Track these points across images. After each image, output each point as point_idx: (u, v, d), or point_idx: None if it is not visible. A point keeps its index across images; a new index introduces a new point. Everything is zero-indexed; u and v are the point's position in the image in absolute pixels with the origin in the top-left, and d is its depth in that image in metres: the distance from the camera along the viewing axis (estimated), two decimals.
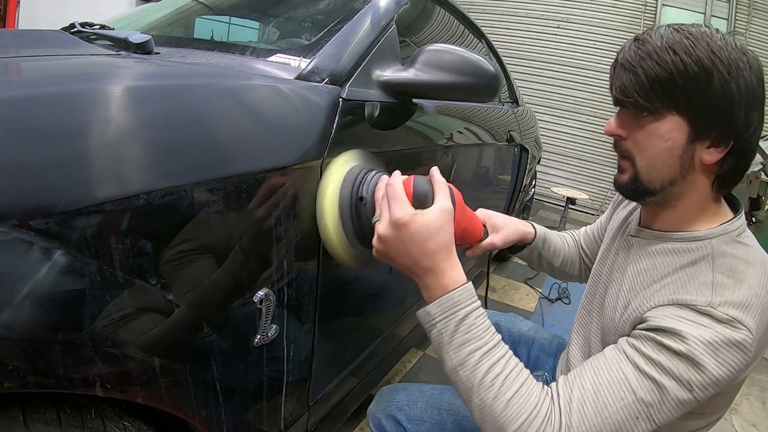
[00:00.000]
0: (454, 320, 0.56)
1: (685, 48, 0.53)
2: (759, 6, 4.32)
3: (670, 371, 0.51)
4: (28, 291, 0.41)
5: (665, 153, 0.57)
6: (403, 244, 0.58)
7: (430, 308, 0.58)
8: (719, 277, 0.55)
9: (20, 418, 0.46)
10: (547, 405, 0.54)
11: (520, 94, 2.53)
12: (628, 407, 0.52)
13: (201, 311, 0.59)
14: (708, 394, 0.51)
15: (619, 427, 0.52)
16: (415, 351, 1.79)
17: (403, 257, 0.59)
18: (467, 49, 0.92)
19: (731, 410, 1.73)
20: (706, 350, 0.50)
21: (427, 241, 0.57)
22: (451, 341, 0.56)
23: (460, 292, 0.57)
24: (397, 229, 0.58)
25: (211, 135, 0.57)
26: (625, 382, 0.53)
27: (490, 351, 0.55)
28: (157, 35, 0.92)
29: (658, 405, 0.52)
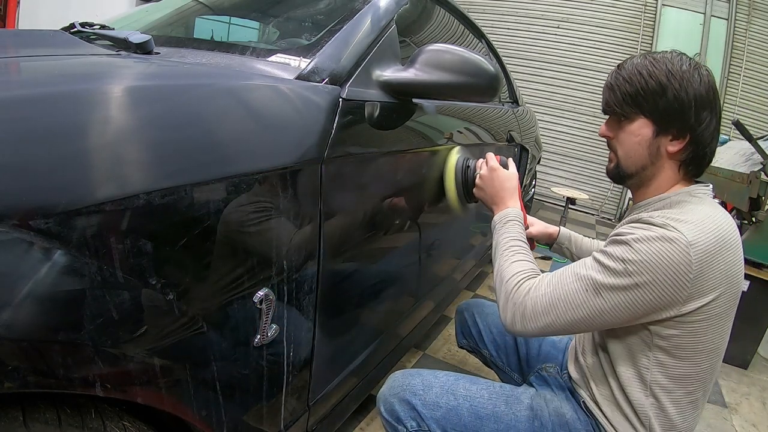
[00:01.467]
0: (503, 221, 0.93)
1: (647, 69, 0.73)
2: (759, 6, 4.32)
3: (611, 252, 0.69)
4: (28, 291, 0.41)
5: (636, 145, 0.76)
6: (491, 181, 1.03)
7: (495, 217, 0.97)
8: (670, 210, 0.72)
9: (20, 418, 0.46)
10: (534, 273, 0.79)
11: (520, 94, 2.53)
12: (580, 279, 0.71)
13: (201, 311, 0.59)
14: (643, 274, 0.65)
15: (572, 294, 0.70)
16: (415, 351, 1.79)
17: (490, 188, 1.03)
18: (467, 49, 0.92)
19: (731, 410, 1.73)
20: (638, 237, 0.66)
21: (505, 182, 1.01)
22: (499, 231, 0.92)
23: (513, 211, 0.95)
24: (491, 171, 1.03)
25: (211, 135, 0.57)
26: (582, 265, 0.73)
27: (516, 239, 0.88)
28: (157, 35, 0.92)
29: (603, 280, 0.68)
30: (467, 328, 1.17)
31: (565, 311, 0.71)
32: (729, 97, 4.40)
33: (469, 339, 1.17)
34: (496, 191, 1.00)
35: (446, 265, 1.63)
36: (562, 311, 0.71)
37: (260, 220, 0.64)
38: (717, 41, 4.41)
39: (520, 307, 0.74)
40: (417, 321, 1.41)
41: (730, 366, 2.04)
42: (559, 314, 0.71)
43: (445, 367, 1.73)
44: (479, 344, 1.15)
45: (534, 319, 0.73)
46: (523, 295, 0.75)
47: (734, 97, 4.39)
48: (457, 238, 1.67)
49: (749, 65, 4.34)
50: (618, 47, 4.72)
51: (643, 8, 4.64)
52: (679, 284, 0.64)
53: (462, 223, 1.64)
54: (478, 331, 1.15)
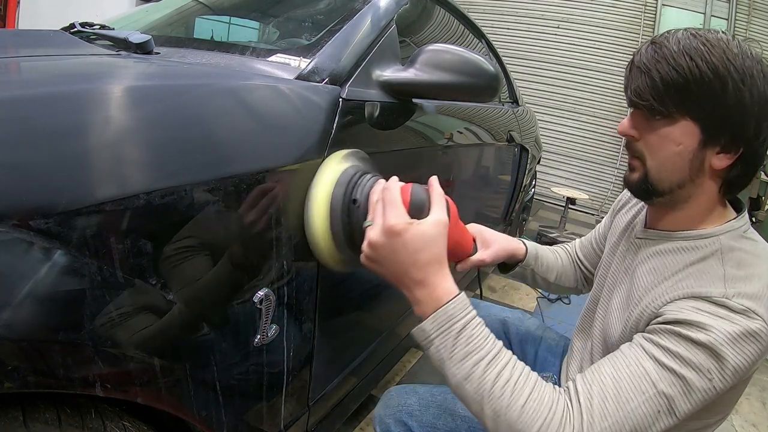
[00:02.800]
0: (451, 334, 0.55)
1: (701, 54, 0.54)
2: (759, 6, 4.32)
3: (690, 362, 0.51)
4: (28, 291, 0.41)
5: (676, 156, 0.58)
6: (394, 253, 0.57)
7: (425, 325, 0.56)
8: (730, 270, 0.56)
9: (20, 418, 0.46)
10: (562, 404, 0.53)
11: (520, 94, 2.53)
12: (650, 401, 0.52)
13: (201, 311, 0.59)
14: (726, 385, 0.52)
15: (641, 421, 0.52)
16: (415, 351, 1.79)
17: (392, 266, 0.58)
18: (467, 49, 0.92)
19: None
20: (725, 339, 0.51)
21: (420, 252, 0.57)
22: (452, 356, 0.55)
23: (455, 304, 0.56)
24: (390, 236, 0.57)
25: (211, 135, 0.57)
26: (646, 376, 0.52)
27: (495, 359, 0.54)
28: (157, 35, 0.92)
29: (679, 397, 0.51)
30: None
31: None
32: None
33: None
34: (405, 269, 0.58)
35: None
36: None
37: (260, 220, 0.64)
38: None
39: None
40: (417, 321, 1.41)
41: None
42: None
43: None
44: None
45: None
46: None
47: None
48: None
49: None
50: (618, 47, 4.72)
51: (643, 8, 4.64)
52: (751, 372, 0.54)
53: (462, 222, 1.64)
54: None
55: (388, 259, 0.58)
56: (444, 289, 0.57)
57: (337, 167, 0.70)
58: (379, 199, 0.61)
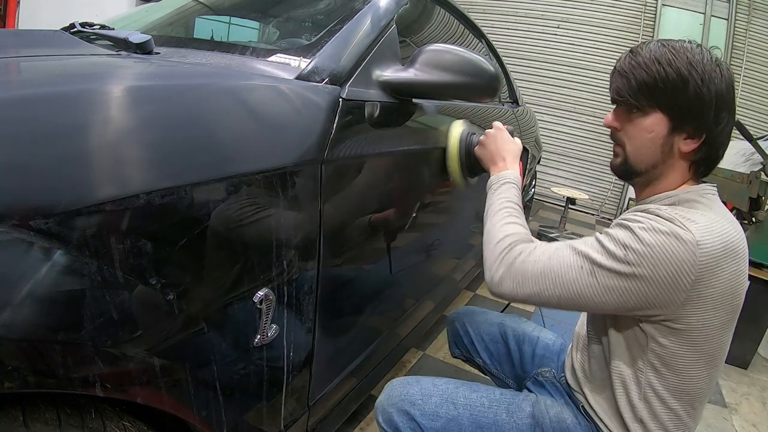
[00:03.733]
0: (501, 182, 0.91)
1: (667, 59, 0.67)
2: (759, 6, 4.32)
3: (614, 236, 0.66)
4: (28, 291, 0.41)
5: (649, 142, 0.71)
6: (494, 139, 1.01)
7: (493, 177, 0.95)
8: (679, 209, 0.67)
9: (20, 418, 0.46)
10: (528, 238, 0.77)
11: (520, 94, 2.53)
12: (576, 254, 0.68)
13: (201, 311, 0.59)
14: (643, 265, 0.62)
15: (566, 268, 0.68)
16: (415, 351, 1.79)
17: (493, 146, 1.00)
18: (467, 49, 0.92)
19: (731, 410, 1.73)
20: (645, 227, 0.63)
21: (508, 143, 1.00)
22: (495, 191, 0.90)
23: (511, 174, 0.93)
24: (497, 130, 1.02)
25: (211, 135, 0.57)
26: (582, 241, 0.71)
27: (511, 201, 0.86)
28: (157, 35, 0.92)
29: (600, 260, 0.66)
30: (459, 338, 1.13)
31: (554, 284, 0.68)
32: None
33: (462, 349, 1.14)
34: (498, 149, 0.98)
35: (446, 265, 1.63)
36: (551, 283, 0.68)
37: (260, 220, 0.64)
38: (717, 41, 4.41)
39: (510, 268, 0.72)
40: (417, 321, 1.41)
41: (730, 366, 2.04)
42: (549, 285, 0.69)
43: (444, 367, 1.73)
44: (472, 353, 1.12)
45: (522, 284, 0.71)
46: (514, 257, 0.73)
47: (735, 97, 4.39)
48: (457, 238, 1.67)
49: (749, 65, 4.34)
50: (618, 47, 4.71)
51: (643, 8, 4.64)
52: (678, 284, 0.62)
53: (462, 222, 1.64)
54: (470, 340, 1.11)
55: (491, 142, 1.01)
56: (511, 168, 0.96)
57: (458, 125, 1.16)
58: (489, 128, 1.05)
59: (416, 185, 1.14)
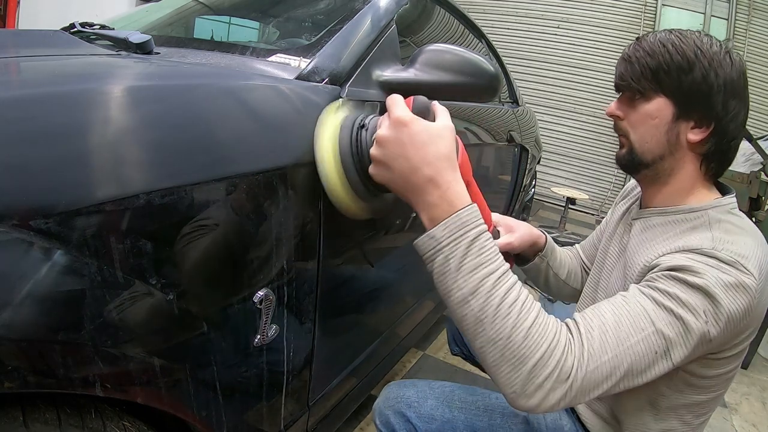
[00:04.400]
0: (464, 242, 0.51)
1: (673, 42, 0.64)
2: (759, 6, 4.32)
3: (687, 303, 0.54)
4: (28, 291, 0.41)
5: (654, 129, 0.66)
6: (402, 147, 0.55)
7: (436, 231, 0.52)
8: (718, 233, 0.61)
9: (20, 418, 0.46)
10: (566, 333, 0.53)
11: (520, 94, 2.53)
12: (648, 339, 0.53)
13: (201, 311, 0.59)
14: (719, 332, 0.55)
15: (639, 360, 0.53)
16: (415, 351, 1.79)
17: (401, 162, 0.55)
18: (467, 49, 0.92)
19: (731, 410, 1.73)
20: (717, 284, 0.54)
21: (428, 145, 0.54)
22: (461, 267, 0.51)
23: (469, 211, 0.53)
24: (396, 128, 0.55)
25: (211, 135, 0.57)
26: (645, 314, 0.54)
27: (504, 276, 0.52)
28: (157, 35, 0.92)
29: (676, 338, 0.54)
30: (459, 336, 1.11)
31: (625, 377, 0.53)
32: None
33: (462, 346, 1.11)
34: (415, 165, 0.54)
35: None
36: (621, 377, 0.53)
37: (260, 220, 0.64)
38: None
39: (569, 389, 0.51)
40: (417, 321, 1.41)
41: None
42: (617, 381, 0.53)
43: (444, 366, 1.73)
44: (472, 351, 1.10)
45: (587, 391, 0.53)
46: (569, 373, 0.51)
47: None
48: None
49: (749, 65, 4.32)
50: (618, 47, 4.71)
51: (643, 8, 4.64)
52: (740, 330, 0.57)
53: None
54: None
55: (396, 155, 0.55)
56: (457, 193, 0.54)
57: (340, 111, 0.70)
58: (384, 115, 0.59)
59: None
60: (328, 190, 0.66)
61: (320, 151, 0.65)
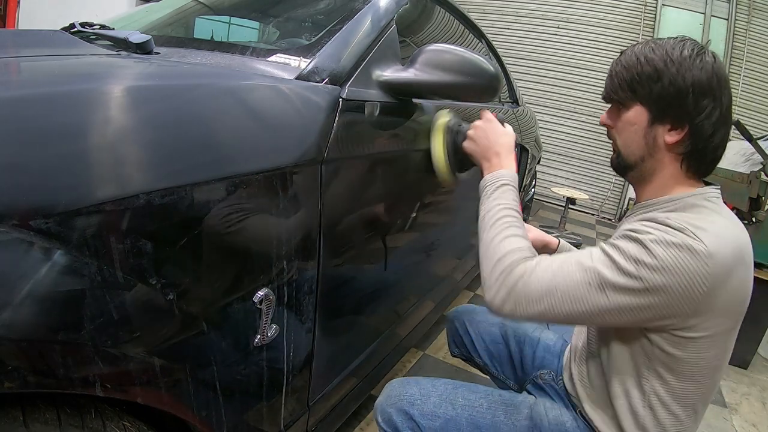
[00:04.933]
0: (496, 184, 0.83)
1: (645, 54, 0.70)
2: (759, 6, 4.32)
3: (624, 250, 0.63)
4: (28, 291, 0.41)
5: (633, 134, 0.73)
6: (487, 132, 0.91)
7: (487, 176, 0.86)
8: (684, 213, 0.67)
9: (20, 418, 0.46)
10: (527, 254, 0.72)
11: (520, 94, 2.53)
12: (584, 271, 0.65)
13: (201, 311, 0.59)
14: (655, 282, 0.60)
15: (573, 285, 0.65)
16: (415, 351, 1.79)
17: (484, 141, 0.91)
18: (467, 49, 0.92)
19: (731, 410, 1.73)
20: (657, 240, 0.61)
21: (501, 137, 0.90)
22: (489, 196, 0.82)
23: (508, 173, 0.85)
24: (487, 121, 0.93)
25: (211, 135, 0.57)
26: (588, 254, 0.67)
27: (506, 208, 0.78)
28: (157, 35, 0.92)
29: (610, 276, 0.63)
30: (459, 337, 1.11)
31: (562, 301, 0.65)
32: None
33: (462, 348, 1.12)
34: (491, 144, 0.89)
35: (446, 264, 1.63)
36: (559, 301, 0.65)
37: (260, 220, 0.64)
38: (717, 41, 4.40)
39: (512, 290, 0.68)
40: (417, 321, 1.41)
41: (730, 366, 2.04)
42: (556, 303, 0.65)
43: (445, 366, 1.73)
44: (472, 353, 1.10)
45: (527, 305, 0.67)
46: (517, 278, 0.68)
47: (734, 97, 4.34)
48: (457, 237, 1.67)
49: (749, 65, 4.34)
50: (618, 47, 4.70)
51: (643, 8, 4.64)
52: (690, 296, 0.60)
53: (462, 222, 1.64)
54: (470, 339, 1.09)
55: (482, 136, 0.92)
56: (507, 164, 0.87)
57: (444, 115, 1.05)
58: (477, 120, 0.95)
59: (416, 185, 1.14)
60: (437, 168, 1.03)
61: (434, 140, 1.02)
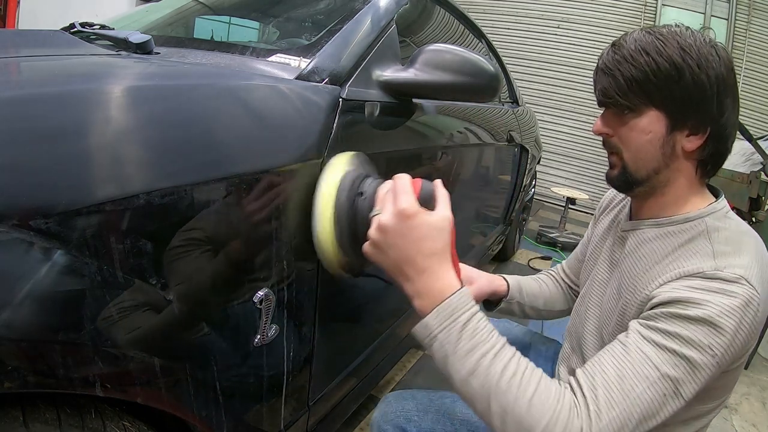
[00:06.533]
0: (456, 327, 0.54)
1: (656, 48, 0.58)
2: (759, 6, 4.32)
3: (691, 340, 0.52)
4: (28, 291, 0.41)
5: (648, 144, 0.61)
6: (402, 238, 0.57)
7: (428, 320, 0.55)
8: (719, 246, 0.58)
9: (20, 418, 0.46)
10: (569, 396, 0.53)
11: (520, 94, 2.53)
12: (655, 385, 0.51)
13: (201, 311, 0.59)
14: (728, 358, 0.52)
15: (648, 407, 0.51)
16: (415, 351, 1.79)
17: (398, 251, 0.57)
18: (467, 49, 0.92)
19: (731, 410, 1.73)
20: (722, 311, 0.51)
21: (426, 240, 0.57)
22: (456, 351, 0.53)
23: (458, 297, 0.55)
24: (401, 219, 0.57)
25: (211, 135, 0.57)
26: (648, 361, 0.52)
27: (500, 352, 0.54)
28: (157, 35, 0.92)
29: (684, 378, 0.52)
30: None
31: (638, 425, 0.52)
32: None
33: None
34: (411, 257, 0.57)
35: None
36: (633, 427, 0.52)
37: (260, 220, 0.64)
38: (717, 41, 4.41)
39: None
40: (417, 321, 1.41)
41: None
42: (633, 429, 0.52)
43: None
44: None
45: None
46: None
47: None
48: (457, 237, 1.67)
49: (749, 65, 4.34)
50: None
51: (643, 8, 4.64)
52: (749, 347, 0.55)
53: (462, 222, 1.64)
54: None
55: (394, 244, 0.57)
56: (447, 282, 0.57)
57: (341, 167, 0.70)
58: (389, 189, 0.61)
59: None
60: (318, 246, 0.69)
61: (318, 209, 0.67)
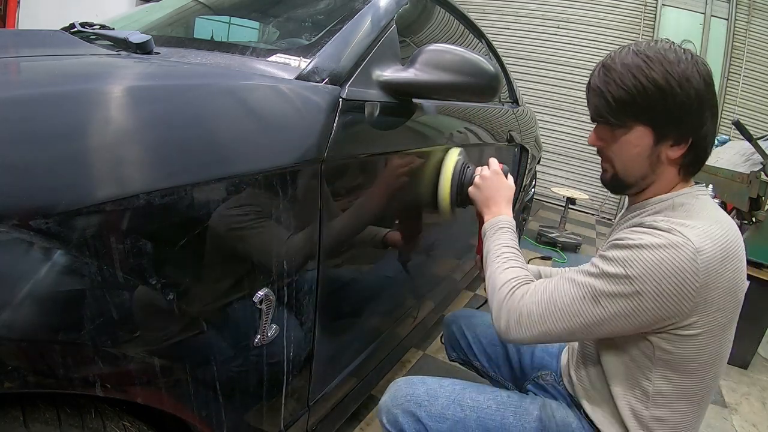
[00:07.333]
0: (494, 228, 0.91)
1: (642, 71, 0.65)
2: (759, 6, 4.31)
3: (612, 258, 0.65)
4: (28, 291, 0.41)
5: (636, 156, 0.71)
6: (492, 184, 0.98)
7: (487, 223, 0.93)
8: (674, 214, 0.68)
9: (20, 418, 0.46)
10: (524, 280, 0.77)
11: (520, 94, 2.53)
12: (577, 286, 0.67)
13: (201, 311, 0.59)
14: (647, 283, 0.61)
15: (570, 300, 0.67)
16: (415, 351, 1.79)
17: (489, 191, 0.98)
18: (467, 49, 0.92)
19: (731, 410, 1.73)
20: (643, 244, 0.62)
21: (504, 190, 0.98)
22: (490, 238, 0.90)
23: (505, 218, 0.92)
24: (494, 174, 0.99)
25: (211, 135, 0.57)
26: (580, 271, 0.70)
27: (508, 246, 0.86)
28: (157, 35, 0.92)
29: (602, 287, 0.64)
30: (456, 341, 1.12)
31: (561, 319, 0.68)
32: (729, 97, 4.39)
33: (459, 352, 1.12)
34: (494, 194, 0.96)
35: (446, 265, 1.63)
36: (558, 319, 0.68)
37: (260, 220, 0.64)
38: (717, 41, 4.41)
39: (514, 314, 0.72)
40: (417, 321, 1.41)
41: (730, 366, 2.03)
42: (556, 322, 0.68)
43: (444, 367, 1.73)
44: (470, 356, 1.10)
45: (529, 327, 0.70)
46: (517, 301, 0.72)
47: (734, 97, 4.39)
48: (457, 238, 1.67)
49: (749, 65, 4.34)
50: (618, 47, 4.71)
51: (643, 8, 4.64)
52: (684, 294, 0.60)
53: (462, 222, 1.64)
54: (467, 343, 1.10)
55: (488, 187, 0.98)
56: (505, 213, 0.95)
57: (456, 154, 1.14)
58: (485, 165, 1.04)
59: (416, 185, 1.14)
60: (440, 200, 1.11)
61: (443, 177, 1.10)
